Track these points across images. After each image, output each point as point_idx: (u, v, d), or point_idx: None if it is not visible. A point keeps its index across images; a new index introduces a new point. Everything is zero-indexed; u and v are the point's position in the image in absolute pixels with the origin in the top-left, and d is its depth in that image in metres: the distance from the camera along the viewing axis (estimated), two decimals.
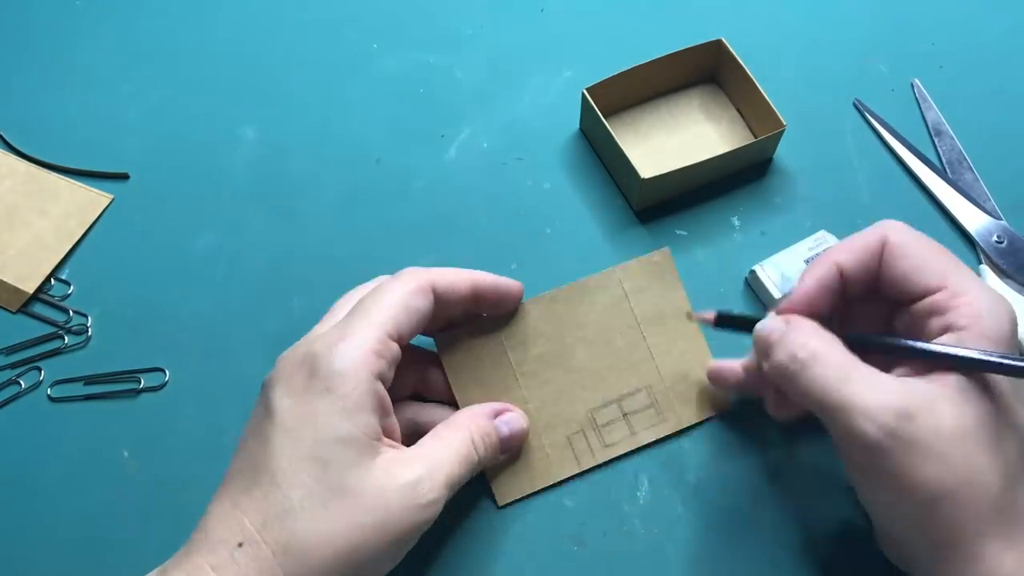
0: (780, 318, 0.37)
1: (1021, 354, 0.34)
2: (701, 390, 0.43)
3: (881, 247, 0.36)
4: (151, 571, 0.34)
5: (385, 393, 0.36)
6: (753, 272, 0.46)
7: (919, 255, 0.35)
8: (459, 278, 0.40)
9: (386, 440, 0.36)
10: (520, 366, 0.43)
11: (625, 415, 0.43)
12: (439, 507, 0.35)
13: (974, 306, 0.33)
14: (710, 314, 0.40)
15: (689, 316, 0.43)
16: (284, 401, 0.35)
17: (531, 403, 0.43)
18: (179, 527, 0.41)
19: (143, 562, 0.40)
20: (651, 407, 0.43)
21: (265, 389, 0.36)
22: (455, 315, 0.41)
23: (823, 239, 0.47)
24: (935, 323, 0.34)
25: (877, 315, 0.39)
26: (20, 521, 0.42)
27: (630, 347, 0.44)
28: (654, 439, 0.43)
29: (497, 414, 0.41)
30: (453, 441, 0.38)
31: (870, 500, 0.35)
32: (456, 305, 0.40)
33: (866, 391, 0.32)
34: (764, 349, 0.36)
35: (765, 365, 0.36)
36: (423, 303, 0.38)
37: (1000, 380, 0.33)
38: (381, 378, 0.36)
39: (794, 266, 0.46)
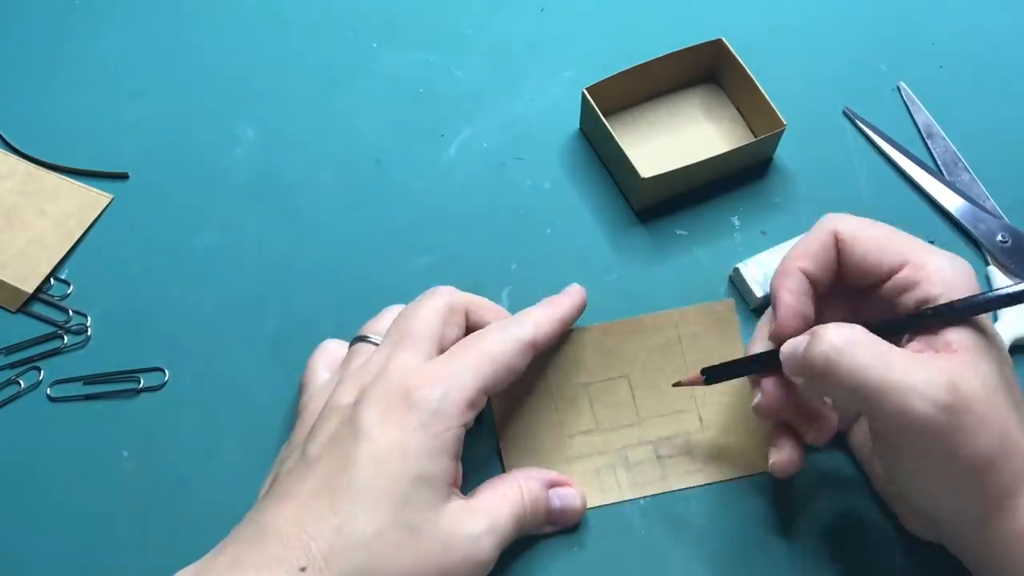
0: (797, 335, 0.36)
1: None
2: (741, 447, 0.42)
3: (835, 241, 0.37)
4: (184, 569, 0.33)
5: (462, 442, 0.36)
6: (736, 270, 0.46)
7: (872, 239, 0.36)
8: (554, 328, 0.40)
9: (454, 488, 0.36)
10: (560, 391, 0.43)
11: (659, 458, 0.42)
12: (491, 567, 0.36)
13: (941, 273, 0.34)
14: (696, 375, 0.40)
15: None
16: (378, 428, 0.34)
17: (564, 428, 0.42)
18: (179, 527, 0.41)
19: (143, 562, 0.40)
20: (687, 455, 0.42)
21: (356, 410, 0.35)
22: None
23: None
24: (908, 299, 0.35)
25: (845, 307, 0.39)
26: (20, 521, 0.42)
27: (675, 392, 0.43)
28: (684, 487, 0.42)
29: (552, 484, 0.40)
30: (510, 498, 0.38)
31: (917, 479, 0.34)
32: None
33: (911, 371, 0.32)
34: (796, 363, 0.35)
35: (799, 377, 0.35)
36: (522, 363, 0.38)
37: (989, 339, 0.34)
38: (466, 427, 0.36)
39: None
